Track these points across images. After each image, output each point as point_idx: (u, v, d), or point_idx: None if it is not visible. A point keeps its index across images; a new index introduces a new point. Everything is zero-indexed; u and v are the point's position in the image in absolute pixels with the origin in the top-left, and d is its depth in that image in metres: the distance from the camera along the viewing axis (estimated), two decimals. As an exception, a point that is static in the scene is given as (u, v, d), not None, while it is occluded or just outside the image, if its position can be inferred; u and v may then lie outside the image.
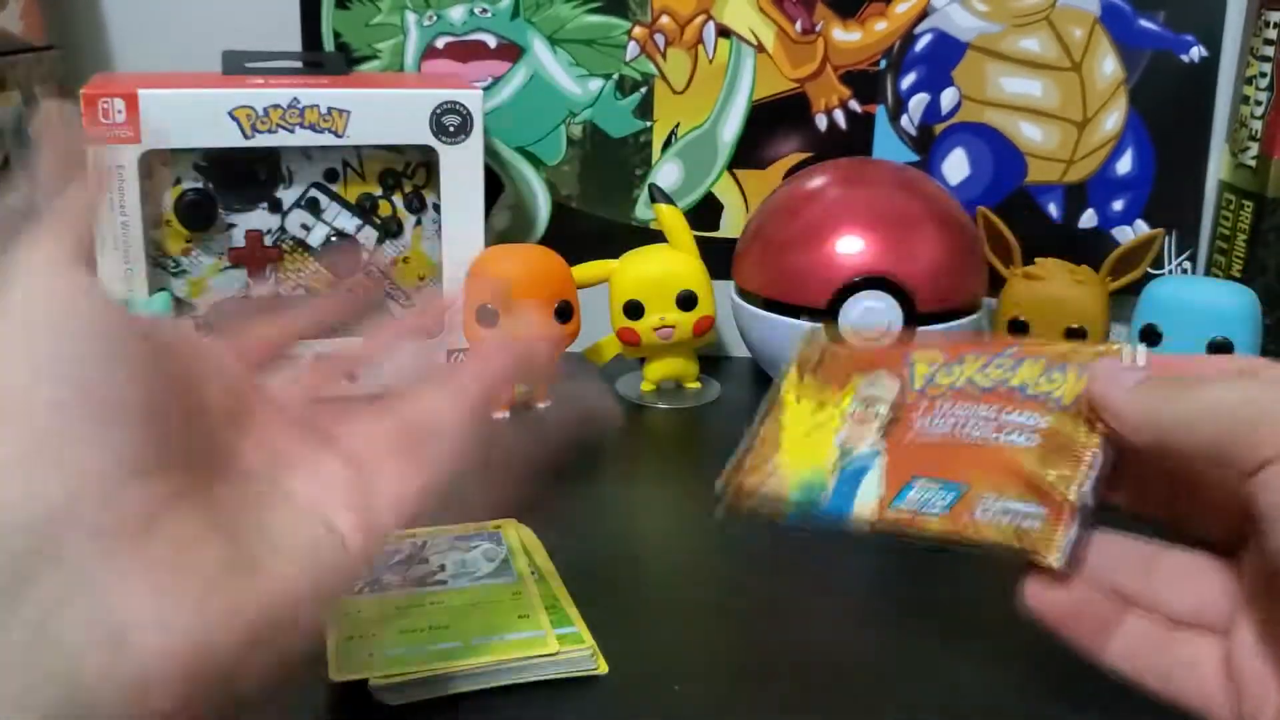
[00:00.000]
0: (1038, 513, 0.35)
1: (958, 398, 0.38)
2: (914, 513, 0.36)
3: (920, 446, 0.37)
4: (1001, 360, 0.38)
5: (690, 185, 0.86)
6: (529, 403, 0.71)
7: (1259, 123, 0.80)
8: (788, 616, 0.49)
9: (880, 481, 0.37)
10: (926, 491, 0.36)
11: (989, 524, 0.35)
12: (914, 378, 0.39)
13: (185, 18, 0.81)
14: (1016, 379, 0.38)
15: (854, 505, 0.37)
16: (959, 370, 0.39)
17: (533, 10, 0.82)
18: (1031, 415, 0.37)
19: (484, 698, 0.42)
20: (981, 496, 0.36)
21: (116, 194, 0.67)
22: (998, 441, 0.37)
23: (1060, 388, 0.37)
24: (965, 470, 0.36)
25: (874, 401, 0.39)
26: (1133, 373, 0.35)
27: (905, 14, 0.83)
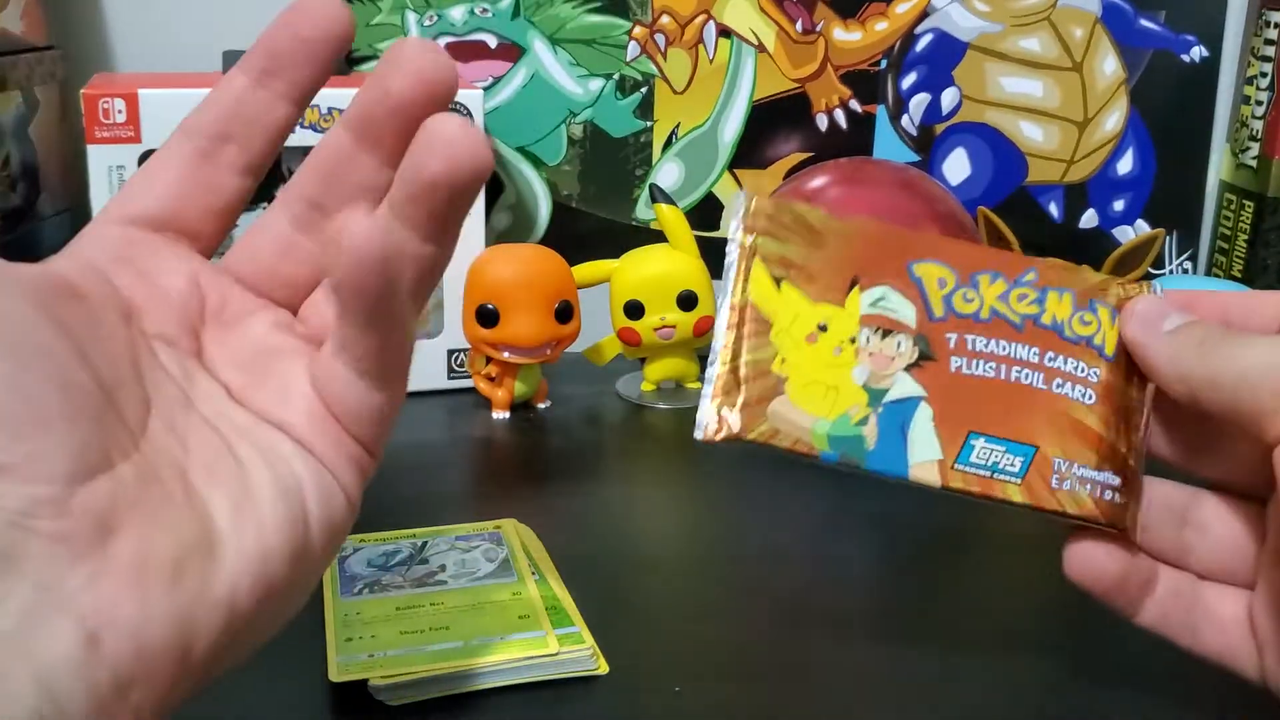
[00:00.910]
0: (1114, 482, 0.34)
1: (990, 332, 0.34)
2: (988, 477, 0.33)
3: (966, 392, 0.34)
4: (1024, 289, 0.35)
5: (691, 185, 0.85)
6: (529, 403, 0.71)
7: (1260, 123, 0.80)
8: (788, 616, 0.49)
9: (932, 436, 0.33)
10: (992, 453, 0.34)
11: (1070, 494, 0.33)
12: (929, 301, 0.34)
13: (186, 18, 0.81)
14: (1048, 316, 0.35)
15: (909, 464, 0.33)
16: (976, 296, 0.35)
17: (533, 10, 0.82)
18: (1079, 364, 0.34)
19: (484, 698, 0.42)
20: (1053, 460, 0.34)
21: (117, 194, 0.67)
22: (1054, 392, 0.34)
23: (1098, 333, 0.35)
24: (1026, 425, 0.34)
25: (889, 329, 0.34)
26: (1170, 315, 0.34)
27: (906, 14, 0.83)
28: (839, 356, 0.34)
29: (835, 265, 0.35)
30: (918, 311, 0.34)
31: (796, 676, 0.45)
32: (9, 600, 0.24)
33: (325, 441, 0.31)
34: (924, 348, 0.34)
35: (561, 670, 0.43)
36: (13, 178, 0.71)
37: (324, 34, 0.33)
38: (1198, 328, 0.33)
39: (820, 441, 0.33)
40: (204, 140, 0.34)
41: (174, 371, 0.31)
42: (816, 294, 0.34)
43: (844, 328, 0.34)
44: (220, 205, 0.34)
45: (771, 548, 0.55)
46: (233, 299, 0.33)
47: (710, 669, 0.45)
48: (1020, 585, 0.52)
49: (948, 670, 0.45)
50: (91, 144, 0.66)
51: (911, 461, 0.33)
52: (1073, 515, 0.34)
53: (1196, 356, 0.32)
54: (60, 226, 0.77)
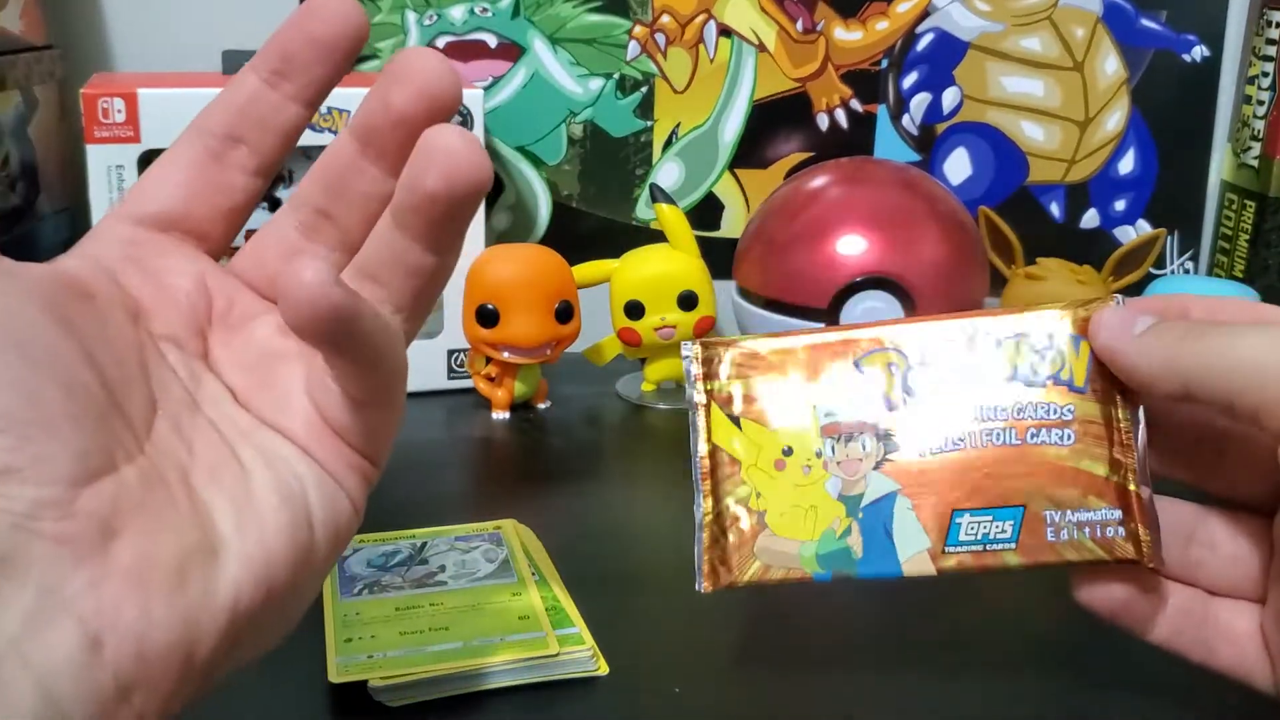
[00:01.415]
0: (1113, 517, 0.33)
1: (952, 403, 0.34)
2: (980, 550, 0.33)
3: (939, 473, 0.34)
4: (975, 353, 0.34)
5: (691, 185, 0.85)
6: (529, 403, 0.71)
7: (1261, 123, 0.80)
8: (788, 616, 0.49)
9: (916, 526, 0.33)
10: (980, 525, 0.33)
11: (1069, 543, 0.33)
12: (886, 394, 0.34)
13: (185, 17, 0.81)
14: (1006, 368, 0.34)
15: (900, 563, 0.33)
16: (929, 372, 0.34)
17: (533, 9, 0.82)
18: (1051, 407, 0.33)
19: (484, 699, 0.42)
20: (1044, 514, 0.33)
21: (116, 194, 0.67)
22: (1029, 444, 0.34)
23: (1064, 368, 0.34)
24: (1008, 487, 0.33)
25: (850, 433, 0.34)
26: (1139, 319, 0.33)
27: (907, 13, 0.83)
28: (809, 475, 0.34)
29: (787, 387, 0.35)
30: (876, 407, 0.34)
31: (796, 677, 0.44)
32: (12, 603, 0.24)
33: (325, 449, 0.31)
34: (888, 442, 0.34)
35: (561, 671, 0.43)
36: (12, 177, 0.71)
37: (337, 34, 0.33)
38: (1171, 325, 0.32)
39: (810, 564, 0.34)
40: (214, 140, 0.34)
41: (181, 373, 0.30)
42: (774, 420, 0.35)
43: (807, 445, 0.34)
44: (230, 206, 0.34)
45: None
46: (239, 301, 0.33)
47: (710, 669, 0.45)
48: (1023, 587, 0.52)
49: (948, 671, 0.45)
50: (91, 143, 0.66)
51: (902, 558, 0.33)
52: (1078, 563, 0.33)
53: (1182, 349, 0.31)
54: (59, 226, 0.77)
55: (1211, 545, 0.35)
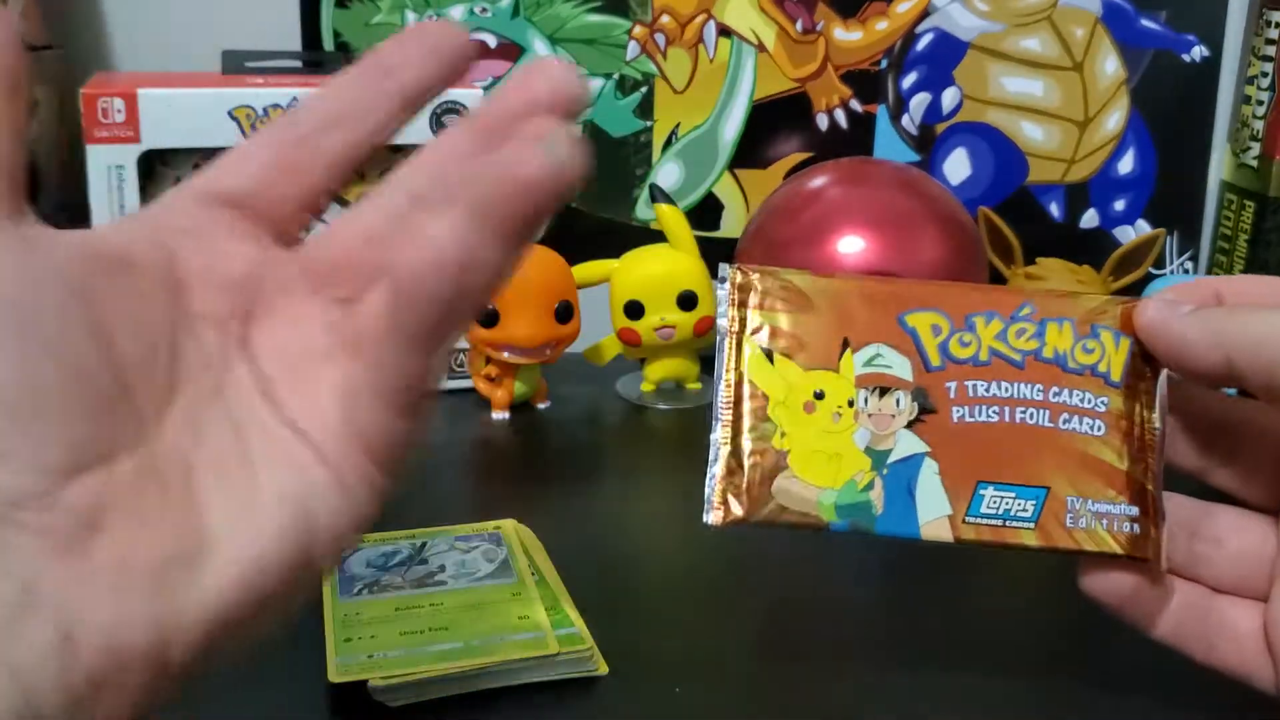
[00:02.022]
0: (1130, 512, 0.33)
1: (990, 375, 0.34)
2: (1000, 525, 0.33)
3: (970, 441, 0.33)
4: (1021, 325, 0.34)
5: (691, 185, 0.85)
6: (529, 403, 0.71)
7: (1260, 123, 0.80)
8: (788, 616, 0.49)
9: (940, 491, 0.33)
10: (1003, 500, 0.33)
11: (1086, 532, 0.33)
12: (925, 352, 0.34)
13: (185, 17, 0.81)
14: (1049, 349, 0.34)
15: (919, 524, 0.33)
16: (974, 339, 0.34)
17: (533, 10, 0.82)
18: (1086, 395, 0.34)
19: (484, 699, 0.42)
20: (1066, 499, 0.33)
21: (116, 194, 0.67)
22: (1060, 429, 0.34)
23: (1103, 360, 0.34)
24: (1035, 467, 0.33)
25: (886, 387, 0.34)
26: (1185, 304, 0.33)
27: (906, 13, 0.83)
28: (838, 423, 0.34)
29: (825, 329, 0.34)
30: (914, 365, 0.34)
31: (796, 677, 0.44)
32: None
33: (343, 457, 0.30)
34: (923, 401, 0.34)
35: (561, 671, 0.43)
36: (12, 177, 0.71)
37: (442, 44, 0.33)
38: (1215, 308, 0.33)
39: (828, 512, 0.33)
40: (304, 127, 0.33)
41: (211, 355, 0.30)
42: (809, 361, 0.34)
43: (840, 392, 0.34)
44: (307, 193, 0.33)
45: (771, 549, 0.55)
46: (294, 291, 0.32)
47: (710, 669, 0.45)
48: (1024, 587, 0.52)
49: (949, 670, 0.45)
50: (90, 143, 0.66)
51: (922, 521, 0.33)
52: (1092, 552, 0.33)
53: (1228, 325, 0.32)
54: (59, 226, 0.77)
55: (1216, 541, 0.35)
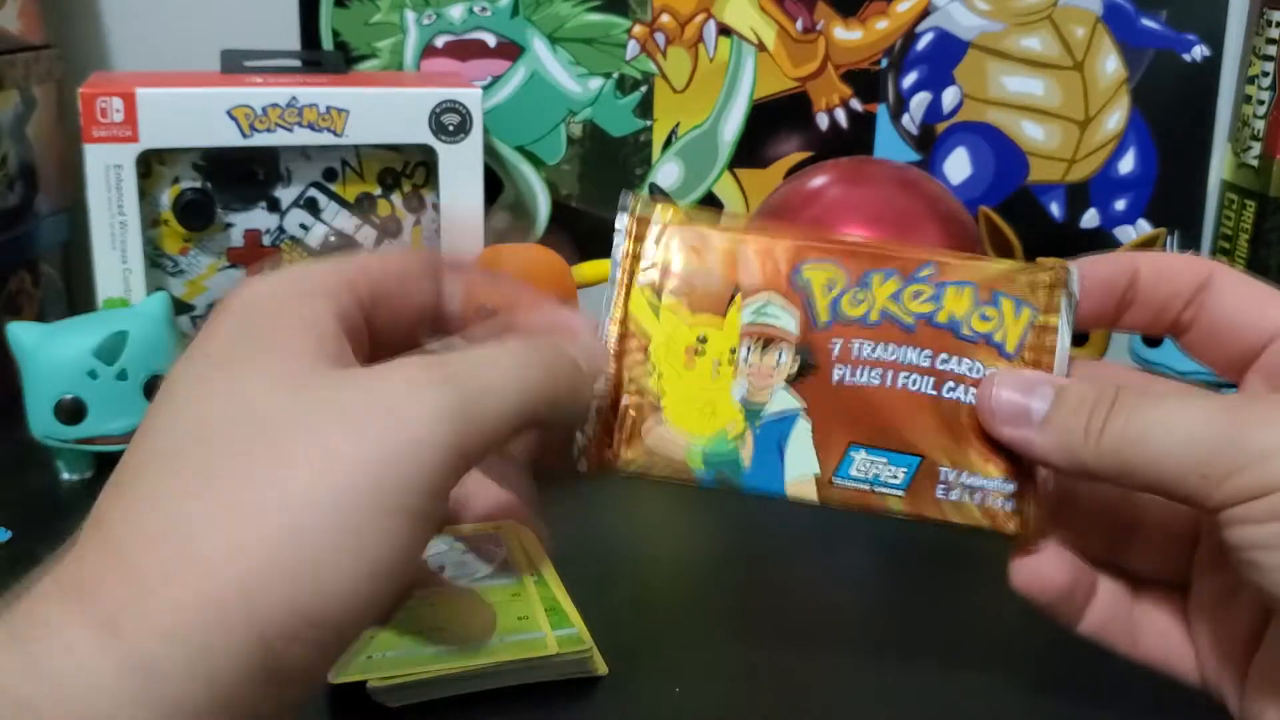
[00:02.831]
0: (1006, 489, 0.32)
1: (877, 336, 0.33)
2: (867, 490, 0.32)
3: (848, 403, 0.32)
4: (919, 286, 0.33)
5: (691, 184, 0.85)
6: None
7: (1261, 122, 0.80)
8: (788, 617, 0.49)
9: (810, 450, 0.32)
10: (873, 465, 0.32)
11: (955, 504, 0.32)
12: (815, 308, 0.33)
13: (183, 17, 0.81)
14: (944, 314, 0.33)
15: (785, 481, 0.32)
16: (868, 296, 0.33)
17: (532, 9, 0.82)
18: (975, 365, 0.32)
19: (483, 700, 0.42)
20: (939, 469, 0.32)
21: (114, 193, 0.67)
22: (942, 397, 0.32)
23: (999, 330, 0.33)
24: (910, 433, 0.32)
25: (771, 339, 0.32)
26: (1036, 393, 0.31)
27: (906, 13, 0.83)
28: (718, 373, 0.32)
29: (719, 274, 0.33)
30: (800, 320, 0.33)
31: (795, 677, 0.44)
32: None
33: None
34: (805, 358, 0.32)
35: (560, 671, 0.43)
36: (10, 177, 0.71)
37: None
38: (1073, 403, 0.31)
39: (695, 462, 0.32)
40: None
41: None
42: (695, 305, 0.33)
43: (723, 342, 0.33)
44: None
45: (771, 550, 0.55)
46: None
47: (709, 669, 0.45)
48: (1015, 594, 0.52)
49: (944, 671, 0.45)
50: (89, 143, 0.66)
51: (788, 479, 0.32)
52: (959, 525, 0.32)
53: (1090, 449, 0.30)
54: (57, 225, 0.77)
55: (1134, 528, 0.35)
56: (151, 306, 0.59)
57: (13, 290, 0.71)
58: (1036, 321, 0.33)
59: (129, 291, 0.68)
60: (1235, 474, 0.28)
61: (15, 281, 0.72)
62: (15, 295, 0.71)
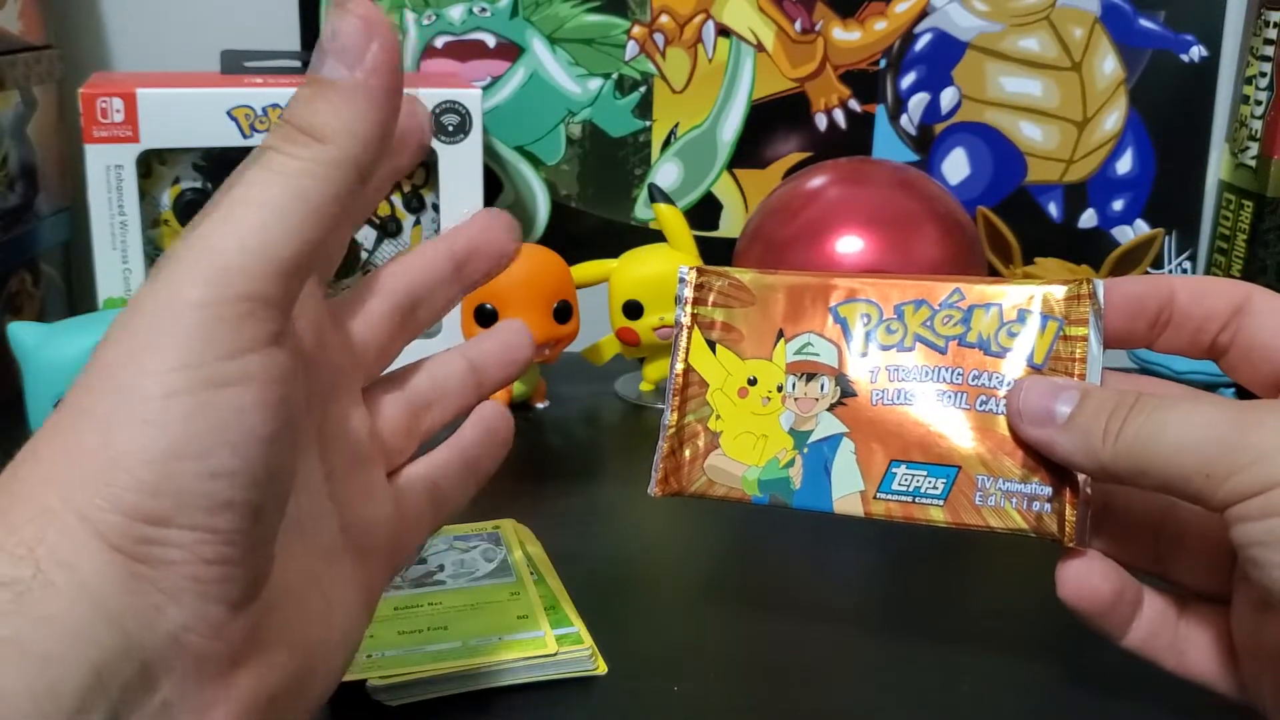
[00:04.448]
0: (1043, 492, 0.33)
1: (911, 360, 0.35)
2: (909, 501, 0.34)
3: (886, 424, 0.35)
4: (949, 311, 0.35)
5: (690, 185, 0.85)
6: (528, 403, 0.71)
7: (1259, 122, 0.80)
8: (789, 617, 0.49)
9: (854, 469, 0.35)
10: (914, 478, 0.34)
11: (994, 510, 0.33)
12: (852, 339, 0.36)
13: (183, 17, 0.81)
14: (973, 334, 0.35)
15: (833, 499, 0.35)
16: (900, 327, 0.36)
17: (532, 9, 0.82)
18: (1004, 377, 0.34)
19: (483, 699, 0.42)
20: (977, 478, 0.34)
21: (114, 193, 0.67)
22: (977, 410, 0.34)
23: (1027, 344, 0.34)
24: (947, 447, 0.34)
25: (812, 373, 0.36)
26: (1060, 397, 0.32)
27: (905, 13, 0.83)
28: (767, 406, 0.36)
29: (764, 321, 0.37)
30: (839, 353, 0.36)
31: (796, 677, 0.44)
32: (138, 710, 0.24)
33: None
34: (845, 386, 0.36)
35: (560, 670, 0.43)
36: (10, 177, 0.71)
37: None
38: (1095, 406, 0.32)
39: (751, 488, 0.36)
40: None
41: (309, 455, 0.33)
42: (748, 351, 0.37)
43: (771, 378, 0.36)
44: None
45: (771, 549, 0.55)
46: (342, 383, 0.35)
47: (710, 669, 0.45)
48: (1022, 587, 0.52)
49: (948, 670, 0.45)
50: (89, 143, 0.66)
51: (835, 495, 0.35)
52: (1000, 530, 0.34)
53: (1109, 448, 0.31)
54: (58, 226, 0.77)
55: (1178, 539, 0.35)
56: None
57: (13, 290, 0.71)
58: (1064, 333, 0.34)
59: (129, 291, 0.68)
60: (1236, 473, 0.29)
61: (16, 281, 0.72)
62: (16, 295, 0.72)
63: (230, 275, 0.26)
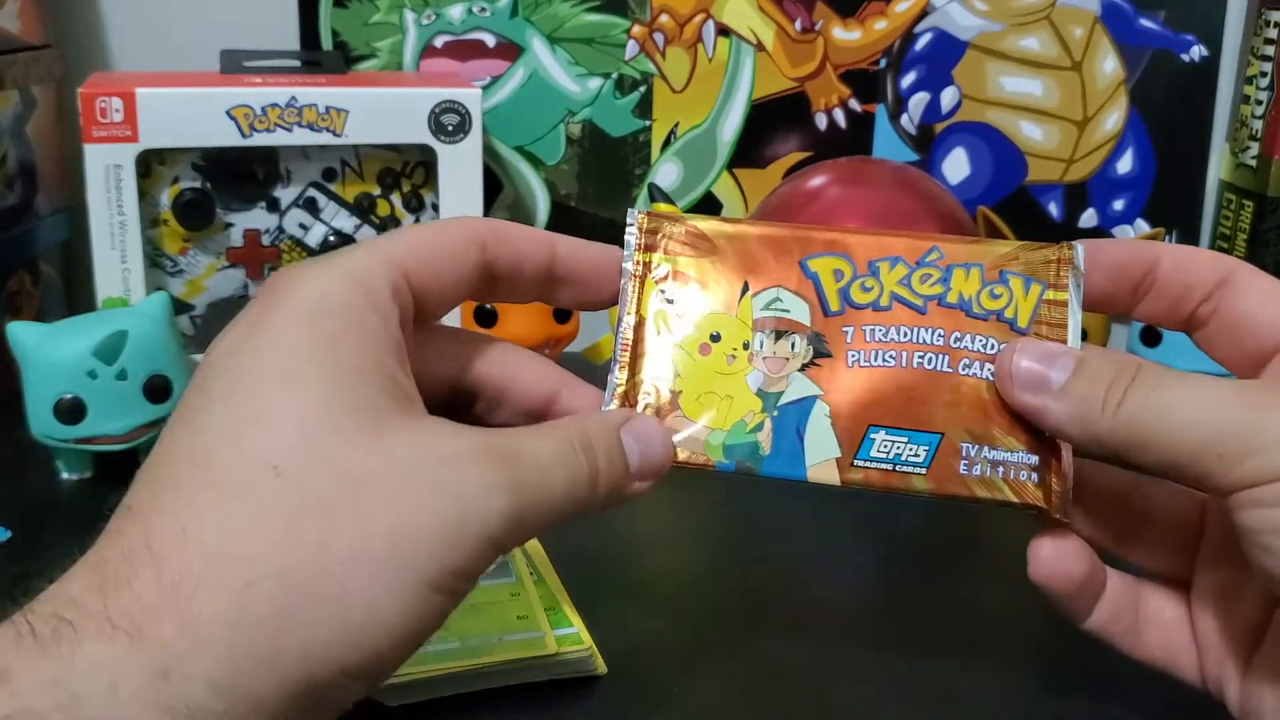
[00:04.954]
0: (1029, 461, 0.32)
1: (889, 320, 0.33)
2: (889, 470, 0.32)
3: (864, 386, 0.33)
4: (926, 269, 0.33)
5: (689, 184, 0.85)
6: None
7: (1259, 122, 0.80)
8: (788, 617, 0.49)
9: (829, 434, 0.33)
10: (894, 444, 0.32)
11: (981, 479, 0.32)
12: (825, 296, 0.33)
13: (183, 16, 0.81)
14: (953, 294, 0.33)
15: (806, 466, 0.32)
16: (876, 284, 0.33)
17: (531, 9, 0.82)
18: (989, 341, 0.33)
19: (482, 699, 0.42)
20: (961, 445, 0.32)
21: (114, 193, 0.67)
22: (960, 374, 0.33)
23: (1009, 305, 0.33)
24: (929, 412, 0.32)
25: (782, 330, 0.33)
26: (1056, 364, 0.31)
27: (905, 13, 0.83)
28: (733, 365, 0.33)
29: (727, 272, 0.34)
30: (812, 309, 0.33)
31: (796, 677, 0.44)
32: None
33: None
34: (819, 345, 0.33)
35: (560, 671, 0.43)
36: (10, 177, 0.71)
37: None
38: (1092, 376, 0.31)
39: (715, 453, 0.33)
40: None
41: None
42: (708, 305, 0.34)
43: (736, 335, 0.34)
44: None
45: (771, 550, 0.55)
46: None
47: (709, 669, 0.45)
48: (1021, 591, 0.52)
49: (948, 672, 0.45)
50: (88, 143, 0.66)
51: (809, 463, 0.33)
52: (986, 499, 0.32)
53: (1106, 420, 0.30)
54: (57, 225, 0.77)
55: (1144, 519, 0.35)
56: (151, 306, 0.59)
57: (12, 290, 0.71)
58: (1046, 296, 0.33)
59: (128, 291, 0.68)
60: (1252, 456, 0.28)
61: (15, 281, 0.72)
62: (15, 295, 0.72)
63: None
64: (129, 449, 0.57)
